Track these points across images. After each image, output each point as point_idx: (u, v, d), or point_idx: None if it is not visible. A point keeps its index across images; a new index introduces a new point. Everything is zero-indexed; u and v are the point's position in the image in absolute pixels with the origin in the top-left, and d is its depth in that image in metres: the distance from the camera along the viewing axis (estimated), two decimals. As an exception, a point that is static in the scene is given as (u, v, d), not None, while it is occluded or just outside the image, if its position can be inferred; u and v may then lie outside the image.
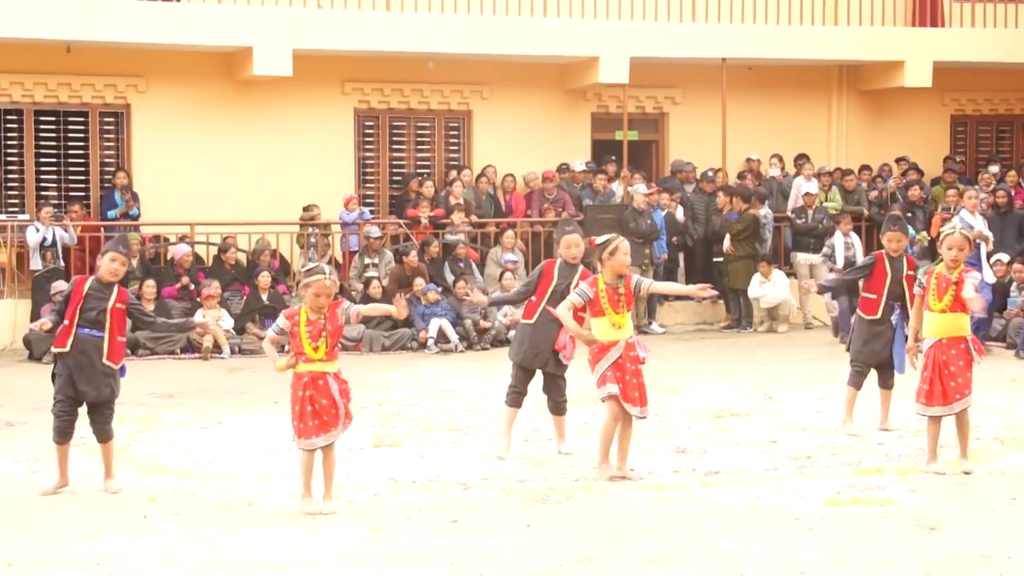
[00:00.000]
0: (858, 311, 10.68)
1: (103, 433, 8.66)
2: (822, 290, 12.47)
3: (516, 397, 9.73)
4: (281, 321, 8.06)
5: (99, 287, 8.54)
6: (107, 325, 8.51)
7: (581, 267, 9.61)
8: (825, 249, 18.65)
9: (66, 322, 8.48)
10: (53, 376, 8.63)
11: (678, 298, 18.84)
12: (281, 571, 6.67)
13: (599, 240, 8.84)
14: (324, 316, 7.93)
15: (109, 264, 8.54)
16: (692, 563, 6.66)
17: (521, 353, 9.65)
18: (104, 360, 8.51)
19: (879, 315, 10.45)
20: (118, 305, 8.57)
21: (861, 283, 10.84)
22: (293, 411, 7.94)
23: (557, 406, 9.78)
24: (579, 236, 9.71)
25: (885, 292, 10.42)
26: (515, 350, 9.77)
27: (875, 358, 10.54)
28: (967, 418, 8.99)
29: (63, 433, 8.58)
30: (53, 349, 8.61)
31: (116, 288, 8.56)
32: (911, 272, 10.43)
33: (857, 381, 10.58)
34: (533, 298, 9.66)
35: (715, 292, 9.95)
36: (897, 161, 21.53)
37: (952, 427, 8.91)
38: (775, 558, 6.73)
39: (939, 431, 8.92)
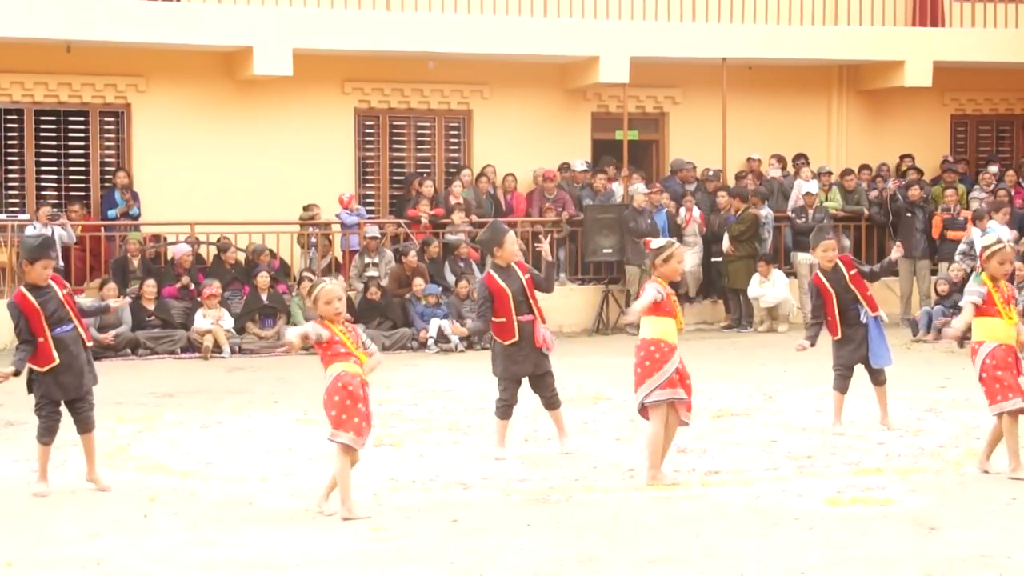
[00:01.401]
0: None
1: (88, 422, 8.68)
2: (806, 346, 11.41)
3: (508, 410, 9.72)
4: (321, 331, 7.76)
5: (40, 291, 8.52)
6: (71, 314, 8.58)
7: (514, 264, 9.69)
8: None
9: (40, 340, 8.46)
10: (30, 383, 8.62)
11: None
12: (281, 571, 6.67)
13: (655, 244, 8.72)
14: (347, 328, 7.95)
15: (42, 272, 8.53)
16: (692, 563, 6.66)
17: (509, 369, 9.61)
18: (86, 345, 8.63)
19: (848, 325, 10.55)
20: (65, 292, 8.63)
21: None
22: (355, 409, 7.73)
23: (550, 401, 9.77)
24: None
25: (837, 306, 10.49)
26: (502, 367, 9.66)
27: (855, 355, 10.61)
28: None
29: (52, 431, 8.64)
30: (41, 368, 8.48)
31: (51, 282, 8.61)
32: (853, 271, 10.57)
33: (842, 385, 10.62)
34: (502, 319, 9.56)
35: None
36: (901, 159, 21.52)
37: (956, 428, 8.87)
38: (775, 558, 6.72)
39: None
